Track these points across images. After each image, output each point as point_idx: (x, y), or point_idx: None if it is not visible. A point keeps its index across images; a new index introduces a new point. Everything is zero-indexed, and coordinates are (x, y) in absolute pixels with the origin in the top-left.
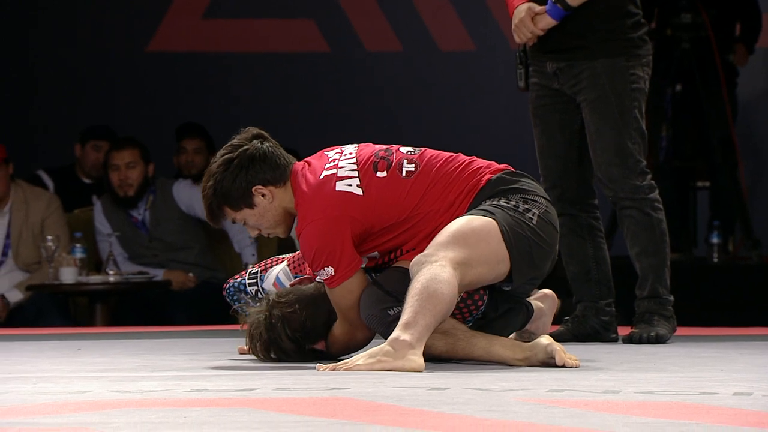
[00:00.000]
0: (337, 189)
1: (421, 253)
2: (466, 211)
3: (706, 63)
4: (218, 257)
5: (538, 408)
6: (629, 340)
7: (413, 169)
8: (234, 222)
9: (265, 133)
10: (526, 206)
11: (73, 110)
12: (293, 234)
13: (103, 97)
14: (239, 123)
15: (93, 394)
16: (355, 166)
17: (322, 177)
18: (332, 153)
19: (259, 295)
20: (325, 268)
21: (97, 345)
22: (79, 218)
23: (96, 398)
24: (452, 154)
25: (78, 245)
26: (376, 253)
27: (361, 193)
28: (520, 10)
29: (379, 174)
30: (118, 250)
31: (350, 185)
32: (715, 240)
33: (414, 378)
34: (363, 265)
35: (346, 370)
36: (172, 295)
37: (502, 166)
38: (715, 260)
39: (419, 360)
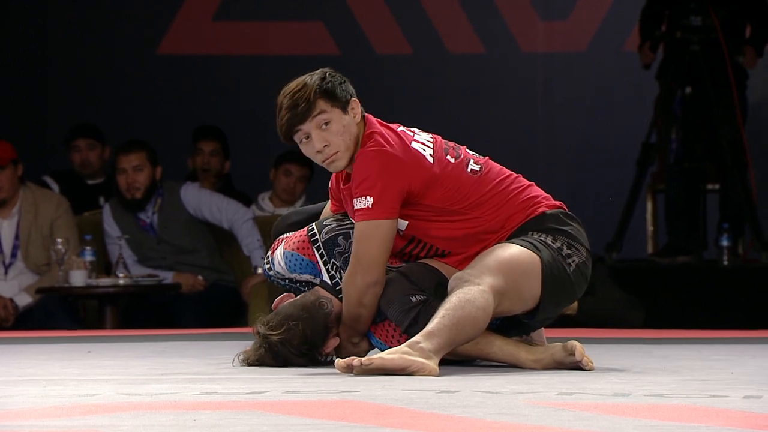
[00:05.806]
0: (412, 146)
1: (465, 271)
2: (512, 234)
3: (715, 65)
4: (226, 260)
5: (547, 411)
6: None
7: (478, 170)
8: (314, 119)
9: None
10: (568, 251)
11: (83, 113)
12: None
13: (114, 99)
14: (249, 125)
15: (103, 397)
16: (431, 141)
17: (399, 130)
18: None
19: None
20: (366, 197)
21: (106, 348)
22: (88, 221)
23: (106, 401)
24: (514, 173)
25: (88, 248)
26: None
27: (432, 162)
28: None
29: (449, 158)
30: (127, 252)
31: (424, 150)
32: (725, 243)
33: (424, 381)
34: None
35: (366, 362)
36: (181, 298)
37: (557, 202)
38: (725, 263)
39: (435, 366)
